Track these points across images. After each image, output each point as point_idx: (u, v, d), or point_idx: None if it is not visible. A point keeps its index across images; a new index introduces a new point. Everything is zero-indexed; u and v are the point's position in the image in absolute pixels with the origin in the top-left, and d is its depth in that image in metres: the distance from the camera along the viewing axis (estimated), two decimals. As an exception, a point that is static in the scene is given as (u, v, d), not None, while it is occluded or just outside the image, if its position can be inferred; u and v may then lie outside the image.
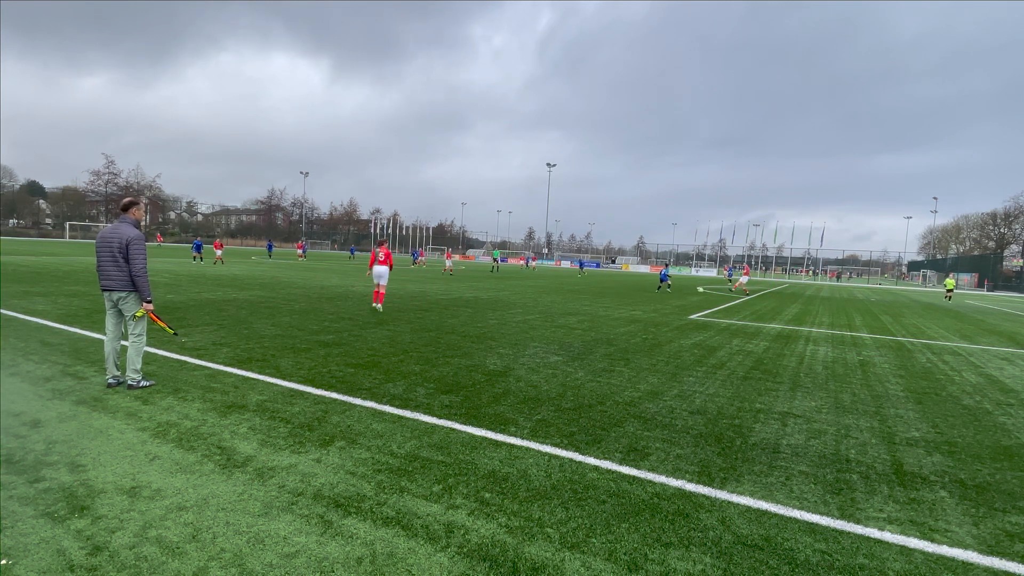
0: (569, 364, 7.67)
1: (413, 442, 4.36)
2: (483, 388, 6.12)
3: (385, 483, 3.60)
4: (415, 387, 6.02)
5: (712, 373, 7.60)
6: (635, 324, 12.75)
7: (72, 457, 3.75)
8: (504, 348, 8.65)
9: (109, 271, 5.45)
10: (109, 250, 5.44)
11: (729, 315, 16.44)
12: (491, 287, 23.36)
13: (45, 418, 4.48)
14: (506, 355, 8.08)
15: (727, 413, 5.64)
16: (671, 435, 4.85)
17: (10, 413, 4.55)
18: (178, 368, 6.34)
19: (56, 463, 3.64)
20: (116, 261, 5.44)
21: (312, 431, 4.49)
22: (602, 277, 44.34)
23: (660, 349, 9.36)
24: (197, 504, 3.19)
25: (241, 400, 5.23)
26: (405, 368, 6.91)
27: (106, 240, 5.44)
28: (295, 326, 9.80)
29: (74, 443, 3.99)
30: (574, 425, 4.97)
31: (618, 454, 4.31)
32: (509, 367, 7.27)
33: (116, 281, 5.46)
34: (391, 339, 8.97)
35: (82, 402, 4.93)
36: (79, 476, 3.46)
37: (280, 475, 3.63)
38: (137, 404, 4.95)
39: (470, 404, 5.47)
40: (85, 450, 3.88)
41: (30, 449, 3.85)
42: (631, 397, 6.06)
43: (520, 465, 4.00)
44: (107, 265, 5.45)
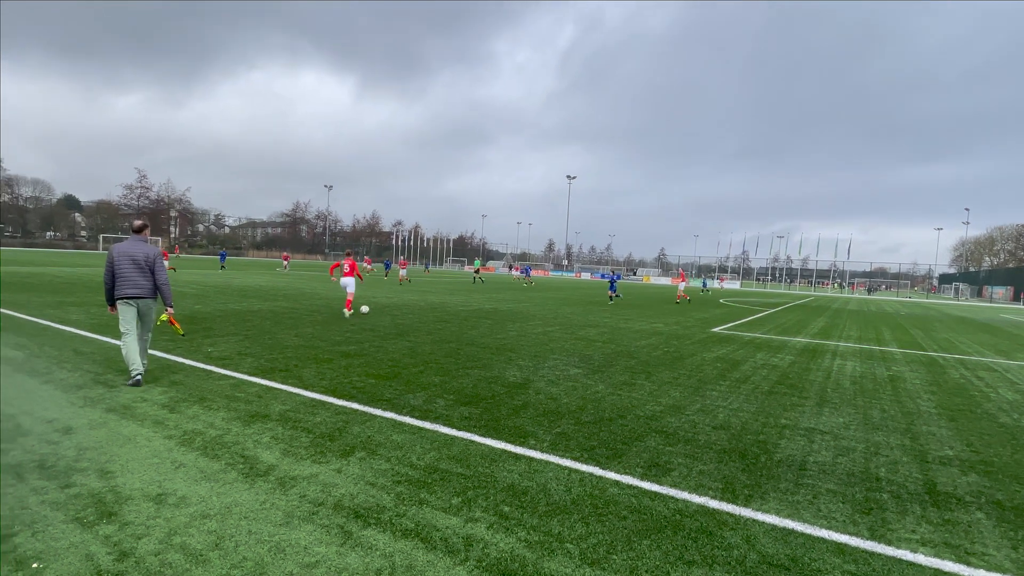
0: (589, 377, 7.61)
1: (432, 454, 4.36)
2: (502, 400, 6.10)
3: (404, 495, 3.60)
4: (435, 398, 6.03)
5: (736, 387, 7.47)
6: (656, 337, 12.62)
7: (102, 464, 3.83)
8: (524, 360, 8.62)
9: (138, 281, 6.18)
10: (135, 263, 6.18)
11: (753, 328, 16.16)
12: (511, 299, 23.36)
13: (77, 425, 4.59)
14: (526, 367, 8.05)
15: (751, 428, 5.53)
16: (694, 450, 4.76)
17: (44, 419, 4.68)
18: (204, 377, 6.45)
19: (86, 469, 3.72)
20: (144, 272, 6.21)
21: (333, 441, 4.53)
22: (622, 289, 44.03)
23: (682, 362, 9.23)
24: (220, 512, 3.23)
25: (264, 409, 5.30)
26: (425, 379, 6.93)
27: (130, 255, 6.19)
28: (317, 336, 9.92)
29: (104, 450, 4.09)
30: (594, 439, 4.92)
31: (639, 469, 4.25)
32: (528, 379, 7.24)
33: (144, 289, 6.21)
34: (411, 350, 9.02)
35: (112, 410, 5.05)
36: (108, 482, 3.54)
37: (301, 485, 3.66)
38: (164, 412, 5.05)
39: (489, 416, 5.45)
40: (114, 457, 3.96)
41: (62, 455, 3.94)
42: (652, 411, 5.98)
43: (539, 479, 3.96)
44: (135, 276, 6.16)
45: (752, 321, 18.89)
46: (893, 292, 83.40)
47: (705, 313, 21.42)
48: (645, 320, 16.79)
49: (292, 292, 20.48)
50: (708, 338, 12.96)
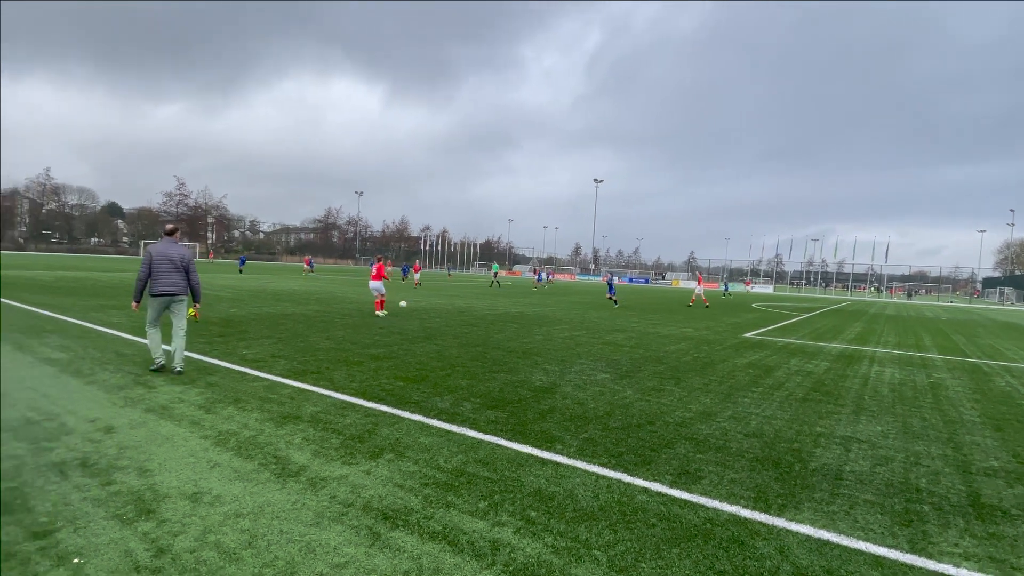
0: (617, 382, 7.55)
1: (459, 457, 4.37)
2: (529, 404, 6.09)
3: (432, 497, 3.62)
4: (462, 402, 6.06)
5: (769, 394, 7.31)
6: (686, 342, 12.44)
7: (141, 462, 3.96)
8: (550, 364, 8.60)
9: (174, 279, 6.81)
10: (172, 263, 6.81)
11: (786, 334, 15.79)
12: (537, 303, 23.34)
13: (118, 424, 4.76)
14: (552, 371, 8.03)
15: (785, 436, 5.40)
16: (725, 458, 4.67)
17: (87, 419, 4.86)
18: (239, 379, 6.62)
19: (126, 467, 3.85)
20: (180, 272, 6.86)
21: (363, 443, 4.59)
22: (651, 293, 43.56)
23: (713, 368, 9.08)
24: (253, 512, 3.30)
25: (296, 411, 5.40)
26: (452, 382, 6.98)
27: (167, 256, 6.80)
28: (348, 340, 10.08)
29: (143, 449, 4.22)
30: (622, 445, 4.87)
31: (669, 476, 4.19)
32: (555, 383, 7.21)
33: (179, 287, 6.86)
34: (439, 353, 9.08)
35: (151, 410, 5.22)
36: (147, 480, 3.65)
37: (331, 486, 3.71)
38: (200, 413, 5.19)
39: (516, 420, 5.45)
40: (153, 456, 4.09)
41: (103, 453, 4.09)
42: (682, 417, 5.90)
43: (567, 484, 3.94)
44: (172, 275, 6.79)
45: (786, 326, 18.48)
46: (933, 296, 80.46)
47: (737, 318, 21.02)
48: (674, 325, 16.57)
49: (324, 296, 20.87)
50: (740, 343, 12.72)
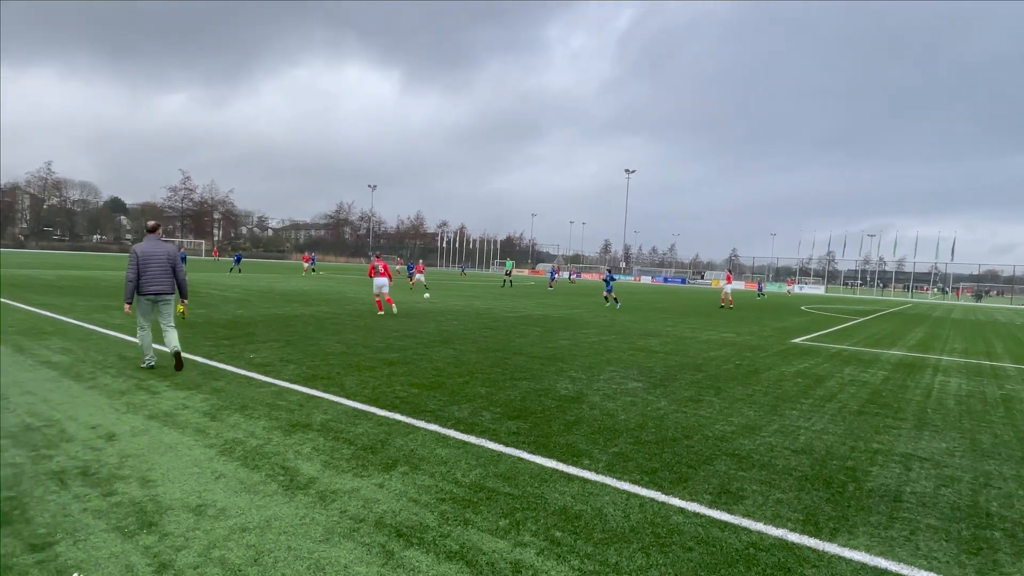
0: (650, 391, 7.49)
1: (478, 470, 4.38)
2: (554, 415, 6.08)
3: (449, 514, 3.63)
4: (481, 411, 6.07)
5: (819, 406, 7.17)
6: (727, 348, 12.29)
7: (143, 472, 4.06)
8: (577, 371, 8.58)
9: (162, 279, 7.33)
10: (160, 263, 7.31)
11: (839, 339, 15.48)
12: (562, 304, 23.28)
13: (119, 431, 4.89)
14: (579, 379, 8.01)
15: (838, 453, 5.29)
16: (770, 476, 4.59)
17: (88, 425, 5.00)
18: (246, 385, 6.74)
19: (128, 477, 3.95)
20: (167, 271, 7.36)
21: (375, 454, 4.63)
22: (688, 295, 43.11)
23: (757, 377, 8.96)
24: (260, 526, 3.35)
25: (306, 419, 5.48)
26: (470, 390, 7.00)
27: (155, 255, 7.30)
28: (360, 343, 10.19)
29: (145, 458, 4.32)
30: (656, 460, 4.83)
31: (708, 496, 4.13)
32: (582, 392, 7.19)
33: (167, 286, 7.37)
34: (456, 359, 9.12)
35: (154, 416, 5.35)
36: (149, 491, 3.74)
37: (342, 499, 3.75)
38: (205, 420, 5.30)
39: (539, 432, 5.44)
40: (155, 465, 4.19)
41: (105, 462, 4.20)
42: (723, 431, 5.82)
43: (595, 502, 3.92)
44: (160, 275, 7.31)
45: (839, 331, 18.13)
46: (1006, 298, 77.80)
47: (784, 322, 20.67)
48: (714, 329, 16.37)
49: (335, 296, 21.14)
50: (787, 350, 12.52)
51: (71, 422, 5.08)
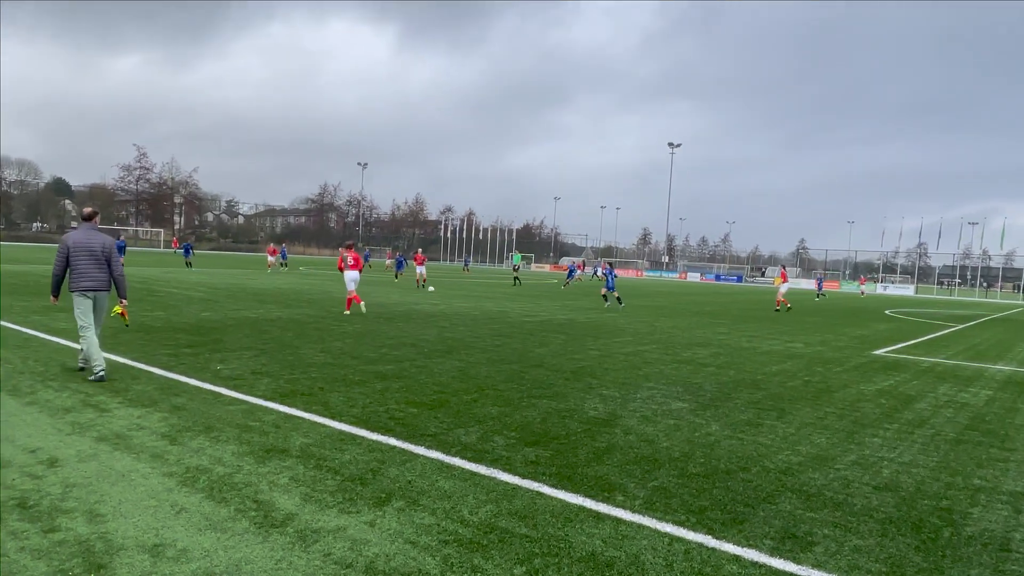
0: (698, 413, 7.45)
1: (489, 507, 4.39)
2: (580, 441, 6.08)
3: (453, 559, 3.64)
4: (492, 435, 6.08)
5: (907, 433, 7.09)
6: (793, 361, 12.20)
7: (91, 504, 4.12)
8: (608, 388, 8.56)
9: (94, 274, 7.58)
10: (92, 255, 7.56)
11: (933, 351, 15.27)
12: (591, 307, 23.24)
13: (63, 456, 4.97)
14: (611, 398, 7.99)
15: (930, 491, 5.22)
16: (846, 519, 4.55)
17: (26, 449, 5.10)
18: (211, 401, 6.83)
19: (73, 511, 4.02)
20: (100, 264, 7.63)
21: (365, 486, 4.66)
22: (745, 295, 42.81)
23: (830, 397, 8.88)
24: (228, 570, 3.39)
25: (283, 443, 5.53)
26: (480, 410, 7.02)
27: (86, 246, 7.55)
28: (348, 352, 10.26)
29: (93, 487, 4.39)
30: (705, 497, 4.80)
31: (768, 541, 4.10)
32: (615, 414, 7.18)
33: (101, 282, 7.66)
34: (462, 372, 9.15)
35: (104, 439, 5.44)
36: (97, 527, 3.80)
37: (326, 540, 3.78)
38: (164, 444, 5.38)
39: (563, 461, 5.44)
40: (105, 496, 4.25)
41: (46, 492, 4.28)
42: (787, 462, 5.78)
43: (630, 548, 3.91)
44: (91, 268, 7.56)
45: (932, 341, 17.91)
46: None
47: (863, 329, 20.45)
48: (776, 338, 16.24)
49: (318, 296, 21.31)
50: (867, 364, 12.40)
51: (7, 444, 5.17)
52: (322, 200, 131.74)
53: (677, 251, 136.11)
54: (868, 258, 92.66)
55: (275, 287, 24.82)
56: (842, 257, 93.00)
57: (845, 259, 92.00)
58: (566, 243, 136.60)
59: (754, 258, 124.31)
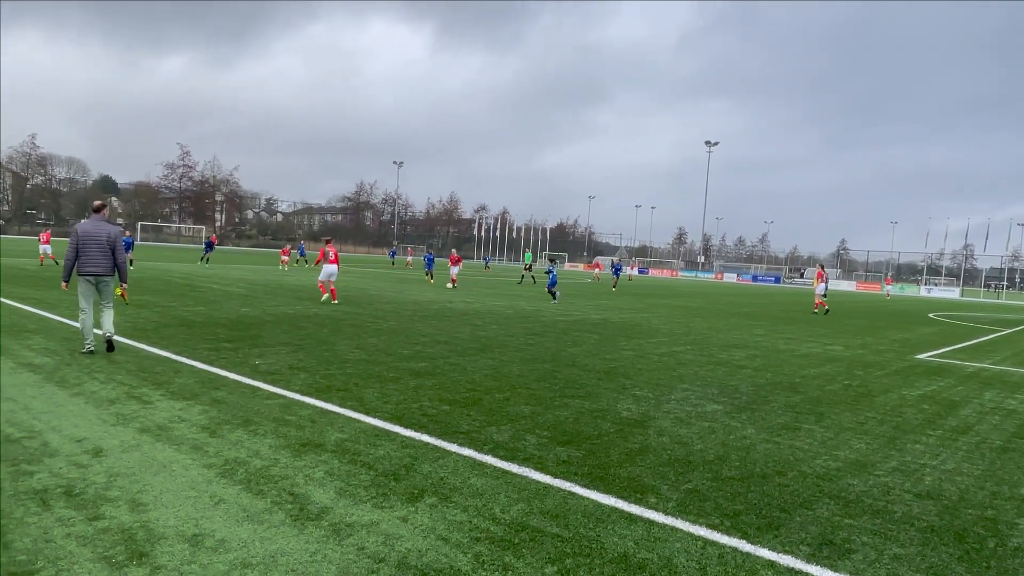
0: (734, 416, 7.37)
1: (521, 505, 4.40)
2: (613, 441, 6.05)
3: (485, 556, 3.65)
4: (524, 434, 6.09)
5: (951, 440, 6.91)
6: (833, 364, 11.98)
7: (134, 494, 4.24)
8: (642, 389, 8.51)
9: (99, 260, 8.66)
10: (99, 243, 8.65)
11: (979, 356, 14.85)
12: (625, 307, 23.11)
13: (108, 446, 5.12)
14: (644, 399, 7.95)
15: (974, 500, 5.08)
16: (886, 526, 4.46)
17: (73, 439, 5.26)
18: (250, 395, 6.96)
19: (117, 499, 4.14)
20: (105, 252, 8.70)
21: (398, 481, 4.70)
22: (784, 296, 42.12)
23: (870, 401, 8.71)
24: (264, 562, 3.45)
25: (318, 437, 5.62)
26: (512, 409, 7.03)
27: (94, 235, 8.63)
28: (382, 349, 10.37)
29: (136, 477, 4.52)
30: (740, 501, 4.75)
31: (805, 548, 4.04)
32: (648, 415, 7.13)
33: (104, 268, 8.71)
34: (495, 370, 9.18)
35: (146, 430, 5.58)
36: (139, 516, 3.91)
37: (359, 534, 3.83)
38: (204, 436, 5.50)
39: (595, 461, 5.43)
40: (147, 486, 4.37)
41: (91, 481, 4.41)
42: (825, 468, 5.68)
43: (663, 550, 3.88)
44: (97, 255, 8.65)
45: (978, 345, 17.45)
46: None
47: (906, 332, 19.97)
48: (815, 340, 15.96)
49: (354, 294, 21.58)
50: (910, 368, 12.12)
51: (54, 434, 5.35)
52: (358, 198, 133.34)
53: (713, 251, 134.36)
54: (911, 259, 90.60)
55: (311, 284, 25.19)
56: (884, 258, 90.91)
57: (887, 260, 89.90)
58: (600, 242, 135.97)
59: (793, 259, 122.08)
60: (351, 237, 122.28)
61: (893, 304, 42.17)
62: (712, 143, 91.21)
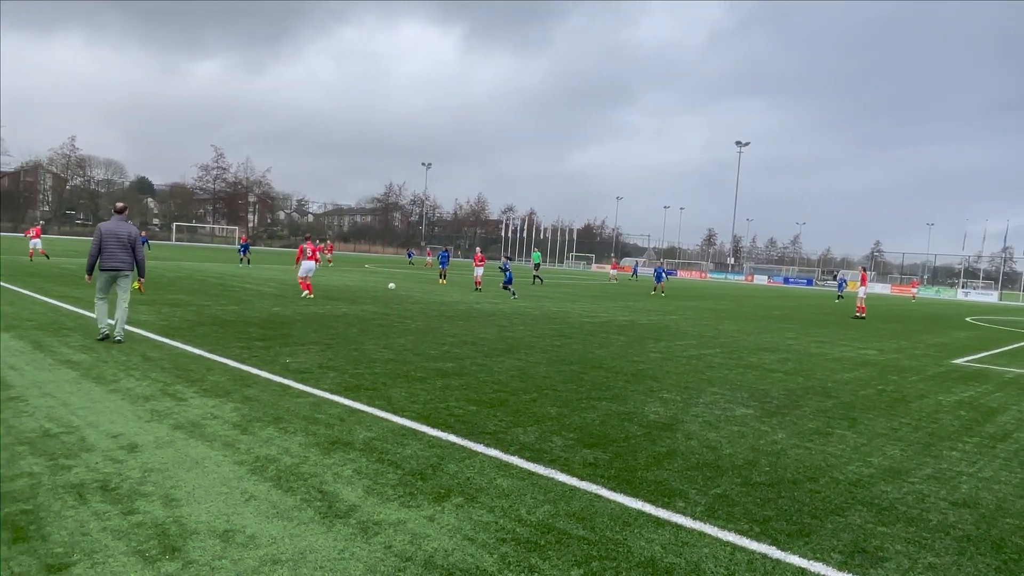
0: (764, 420, 7.28)
1: (547, 507, 4.39)
2: (640, 444, 6.02)
3: (511, 557, 3.66)
4: (550, 435, 6.09)
5: (988, 447, 6.75)
6: (866, 368, 11.77)
7: (167, 489, 4.32)
8: (669, 392, 8.45)
9: (120, 255, 9.54)
10: (120, 241, 9.55)
11: (1018, 361, 14.47)
12: (653, 308, 22.95)
13: (143, 442, 5.23)
14: (672, 402, 7.89)
15: (1012, 509, 4.96)
16: (920, 534, 4.37)
17: (109, 434, 5.38)
18: (280, 393, 7.06)
19: (151, 494, 4.22)
20: (126, 249, 9.60)
21: (425, 481, 4.73)
22: (816, 299, 41.48)
23: (905, 407, 8.54)
24: (293, 558, 3.49)
25: (347, 436, 5.68)
26: (538, 410, 7.03)
27: (116, 234, 9.55)
28: (410, 349, 10.44)
29: (170, 473, 4.60)
30: (770, 507, 4.69)
31: (836, 555, 3.98)
32: (676, 418, 7.08)
33: (125, 263, 9.62)
34: (522, 371, 9.18)
35: (179, 427, 5.69)
36: (172, 511, 3.98)
37: (387, 532, 3.86)
38: (235, 433, 5.58)
39: (622, 464, 5.40)
40: (180, 482, 4.45)
41: (126, 476, 4.51)
42: (858, 474, 5.59)
43: (690, 555, 3.84)
44: (118, 252, 9.52)
45: (1017, 350, 17.05)
46: None
47: (942, 336, 19.54)
48: (849, 344, 15.69)
49: (382, 294, 21.76)
50: (946, 373, 11.86)
51: (91, 429, 5.47)
52: (387, 199, 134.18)
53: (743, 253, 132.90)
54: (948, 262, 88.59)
55: (341, 284, 25.44)
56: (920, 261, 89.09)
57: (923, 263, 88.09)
58: (628, 243, 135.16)
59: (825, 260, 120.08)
60: (380, 238, 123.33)
61: (929, 308, 41.29)
62: (742, 143, 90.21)
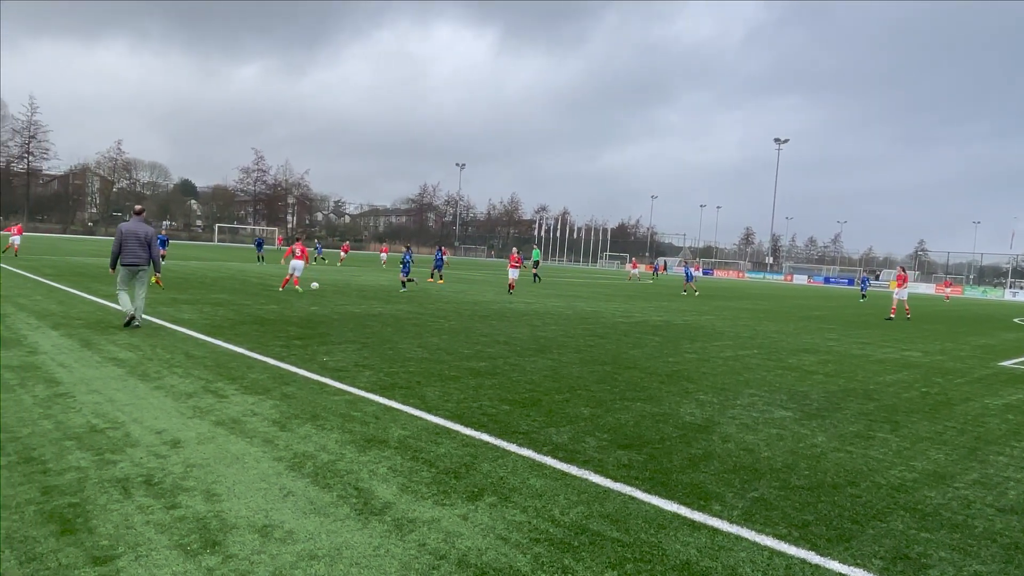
0: (803, 423, 7.15)
1: (580, 508, 4.38)
2: (675, 446, 5.97)
3: (544, 558, 3.65)
4: (584, 436, 6.07)
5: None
6: (909, 370, 11.49)
7: (208, 484, 4.41)
8: (706, 393, 8.36)
9: (138, 252, 10.76)
10: (138, 239, 10.77)
11: (1070, 364, 13.94)
12: (688, 308, 22.71)
13: (185, 438, 5.35)
14: (709, 403, 7.80)
15: (1065, 517, 4.78)
16: (965, 541, 4.24)
17: (153, 430, 5.52)
18: (318, 391, 7.16)
19: (192, 489, 4.32)
20: (144, 246, 10.82)
21: (459, 479, 4.75)
22: (857, 299, 40.60)
23: (949, 410, 8.32)
24: (330, 554, 3.54)
25: (382, 434, 5.74)
26: (572, 410, 7.01)
27: (135, 233, 10.76)
28: (444, 348, 10.50)
29: (211, 468, 4.70)
30: (809, 511, 4.60)
31: (878, 561, 3.89)
32: (713, 420, 7.00)
33: (142, 259, 10.82)
34: (555, 371, 9.16)
35: (221, 423, 5.81)
36: (213, 506, 4.07)
37: (421, 530, 3.89)
38: (274, 430, 5.68)
39: (657, 466, 5.36)
40: (221, 477, 4.54)
41: (169, 471, 4.62)
42: (900, 478, 5.46)
43: (727, 559, 3.79)
44: (137, 249, 10.76)
45: (1069, 353, 16.33)
46: None
47: (988, 338, 18.96)
48: (892, 346, 15.33)
49: (417, 294, 21.94)
50: (993, 376, 11.52)
51: (136, 425, 5.62)
52: (422, 200, 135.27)
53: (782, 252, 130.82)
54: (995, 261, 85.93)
55: (377, 284, 25.73)
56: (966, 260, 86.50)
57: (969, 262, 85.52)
58: (662, 243, 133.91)
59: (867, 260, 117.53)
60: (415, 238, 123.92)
61: (975, 308, 40.09)
62: (781, 141, 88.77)
